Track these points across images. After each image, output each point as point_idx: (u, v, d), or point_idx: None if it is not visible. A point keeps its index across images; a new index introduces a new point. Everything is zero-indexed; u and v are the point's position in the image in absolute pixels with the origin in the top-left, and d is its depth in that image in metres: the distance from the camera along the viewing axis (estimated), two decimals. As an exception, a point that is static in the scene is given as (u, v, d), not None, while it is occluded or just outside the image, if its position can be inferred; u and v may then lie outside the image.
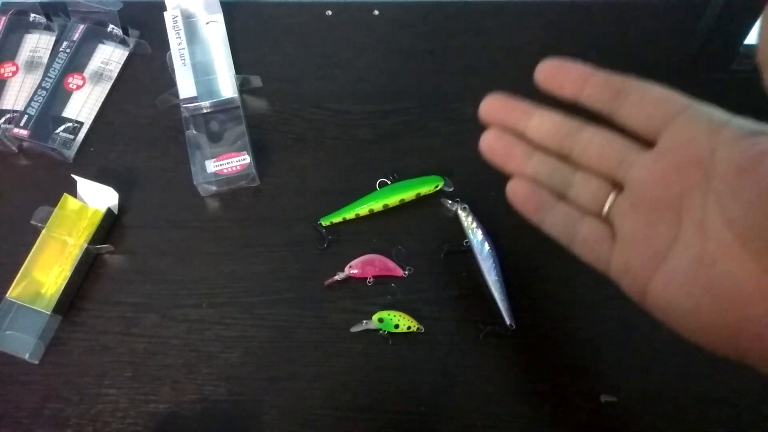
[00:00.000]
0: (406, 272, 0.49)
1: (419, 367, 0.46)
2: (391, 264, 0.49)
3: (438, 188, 0.51)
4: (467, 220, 0.50)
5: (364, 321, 0.47)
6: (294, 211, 0.52)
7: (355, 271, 0.48)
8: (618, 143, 0.29)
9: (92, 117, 0.55)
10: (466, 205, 0.51)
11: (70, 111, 0.55)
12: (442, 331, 0.47)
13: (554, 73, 0.30)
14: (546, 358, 0.46)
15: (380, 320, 0.46)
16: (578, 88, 0.29)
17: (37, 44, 0.58)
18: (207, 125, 0.54)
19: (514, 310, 0.47)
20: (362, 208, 0.50)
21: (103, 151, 0.54)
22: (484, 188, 0.50)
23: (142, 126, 0.55)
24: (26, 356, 0.45)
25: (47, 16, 0.58)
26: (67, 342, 0.47)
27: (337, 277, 0.48)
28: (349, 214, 0.50)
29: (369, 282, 0.48)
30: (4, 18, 0.58)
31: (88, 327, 0.47)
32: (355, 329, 0.47)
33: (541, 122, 0.31)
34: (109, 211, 0.50)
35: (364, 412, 0.45)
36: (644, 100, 0.28)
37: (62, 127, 0.54)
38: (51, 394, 0.45)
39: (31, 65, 0.57)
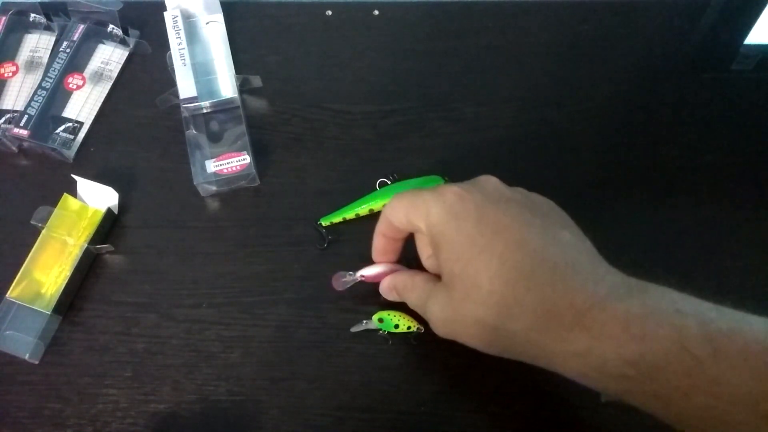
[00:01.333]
0: (406, 272, 0.49)
1: (419, 367, 0.46)
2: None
3: (438, 188, 0.51)
4: (467, 220, 0.50)
5: (364, 321, 0.47)
6: (294, 211, 0.52)
7: (368, 274, 0.46)
8: None
9: (92, 117, 0.55)
10: (466, 205, 0.51)
11: (70, 111, 0.55)
12: (442, 331, 0.47)
13: None
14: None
15: (380, 320, 0.46)
16: None
17: (37, 44, 0.58)
18: (207, 125, 0.54)
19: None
20: (362, 208, 0.50)
21: (103, 151, 0.54)
22: (484, 188, 0.50)
23: (142, 126, 0.55)
24: (26, 356, 0.45)
25: (47, 16, 0.58)
26: (67, 342, 0.47)
27: (348, 278, 0.46)
28: (349, 214, 0.50)
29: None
30: (4, 18, 0.58)
31: (88, 327, 0.47)
32: (355, 329, 0.47)
33: None
34: (109, 211, 0.50)
35: (364, 412, 0.45)
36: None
37: (62, 127, 0.54)
38: (51, 394, 0.45)
39: (31, 65, 0.57)
